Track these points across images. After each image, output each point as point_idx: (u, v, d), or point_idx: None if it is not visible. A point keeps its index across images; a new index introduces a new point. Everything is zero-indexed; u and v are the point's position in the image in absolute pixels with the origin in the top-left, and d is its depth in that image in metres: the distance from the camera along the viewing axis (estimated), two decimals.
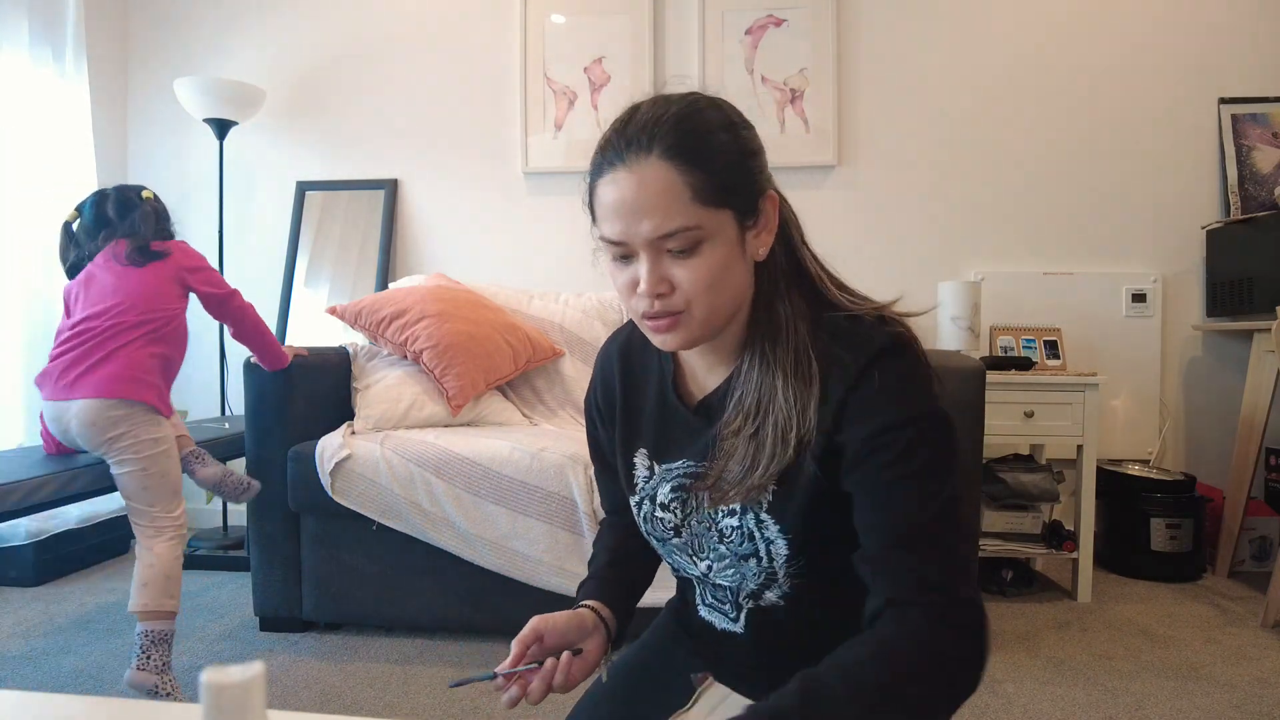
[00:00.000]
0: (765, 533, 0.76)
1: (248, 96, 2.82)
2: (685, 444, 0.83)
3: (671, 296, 0.72)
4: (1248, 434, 2.44)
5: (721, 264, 0.72)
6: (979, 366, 1.83)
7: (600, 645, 0.84)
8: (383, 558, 1.96)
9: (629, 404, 0.90)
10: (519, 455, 1.87)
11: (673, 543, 0.85)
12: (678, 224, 0.70)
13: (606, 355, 0.95)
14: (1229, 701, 1.67)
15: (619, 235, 0.72)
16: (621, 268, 0.75)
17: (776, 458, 0.73)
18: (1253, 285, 2.41)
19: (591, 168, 0.76)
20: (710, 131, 0.72)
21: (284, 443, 2.00)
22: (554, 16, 2.91)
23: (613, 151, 0.72)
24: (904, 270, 2.79)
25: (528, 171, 2.95)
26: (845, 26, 2.81)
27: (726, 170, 0.72)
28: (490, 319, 2.36)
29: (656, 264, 0.72)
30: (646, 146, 0.70)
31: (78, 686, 1.74)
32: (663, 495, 0.84)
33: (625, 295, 0.76)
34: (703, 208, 0.70)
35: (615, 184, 0.71)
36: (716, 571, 0.82)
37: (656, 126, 0.71)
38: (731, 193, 0.72)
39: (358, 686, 1.74)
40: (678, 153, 0.70)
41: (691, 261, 0.71)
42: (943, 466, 0.71)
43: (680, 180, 0.70)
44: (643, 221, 0.70)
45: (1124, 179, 2.74)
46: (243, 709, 0.37)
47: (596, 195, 0.74)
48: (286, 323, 2.97)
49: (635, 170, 0.70)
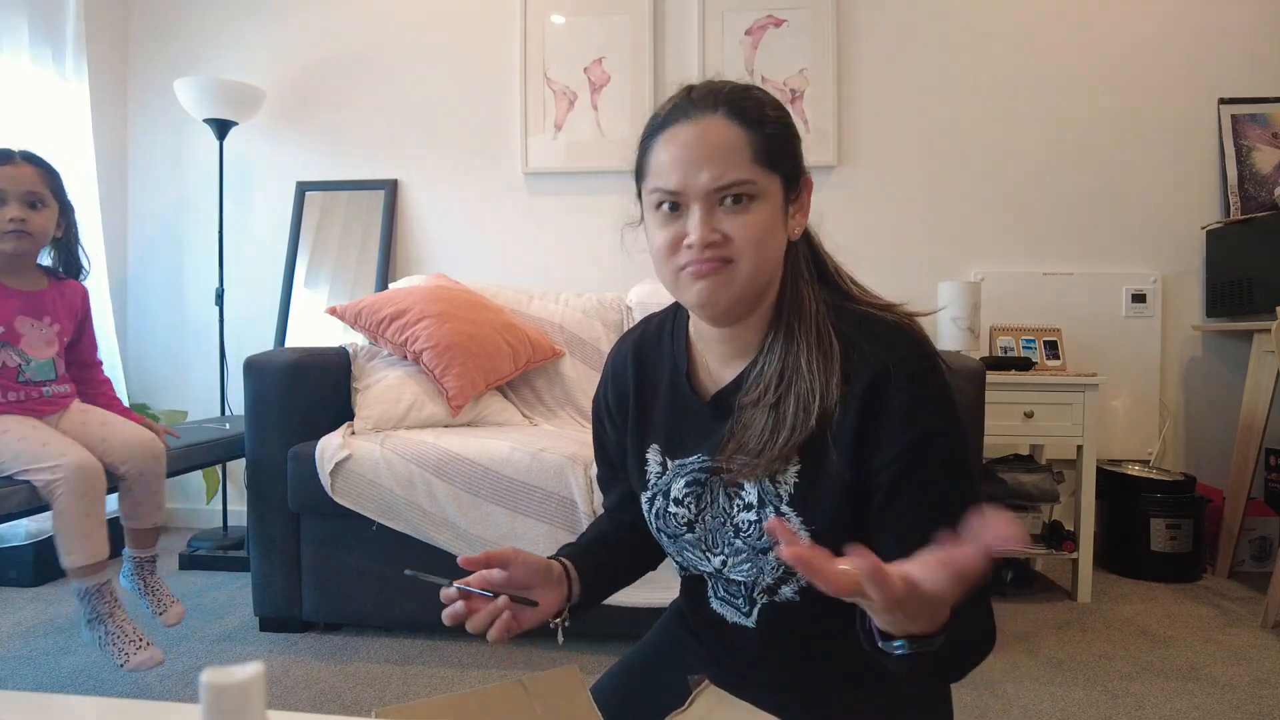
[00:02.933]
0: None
1: (248, 96, 2.82)
2: (699, 438, 0.83)
3: (724, 245, 0.75)
4: (1247, 434, 2.44)
5: (769, 224, 0.75)
6: (979, 367, 1.83)
7: (556, 602, 0.82)
8: (383, 558, 1.96)
9: (642, 399, 0.90)
10: (519, 455, 1.87)
11: (685, 539, 0.85)
12: (736, 175, 0.73)
13: (619, 352, 0.95)
14: (1229, 702, 1.67)
15: (676, 184, 0.74)
16: (666, 224, 0.76)
17: (798, 429, 0.75)
18: (1252, 285, 2.41)
19: (647, 130, 0.79)
20: (768, 105, 0.77)
21: (284, 443, 2.00)
22: (554, 17, 2.91)
23: (676, 110, 0.76)
24: (904, 270, 2.79)
25: (528, 172, 2.95)
26: (845, 26, 2.81)
27: (781, 140, 0.77)
28: (490, 319, 2.36)
29: (710, 215, 0.74)
30: (712, 106, 0.75)
31: (78, 686, 1.74)
32: (676, 490, 0.84)
33: (666, 254, 0.77)
34: (759, 167, 0.74)
35: (676, 137, 0.75)
36: (731, 567, 0.82)
37: (721, 92, 0.76)
38: (784, 162, 0.77)
39: (357, 686, 1.74)
40: (741, 113, 0.75)
41: (744, 217, 0.74)
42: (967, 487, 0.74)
43: (744, 137, 0.74)
44: (703, 171, 0.73)
45: (1124, 179, 2.74)
46: (243, 709, 0.37)
47: (652, 153, 0.77)
48: (286, 323, 2.97)
49: (700, 123, 0.74)
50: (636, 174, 0.81)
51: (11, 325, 1.66)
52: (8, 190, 1.63)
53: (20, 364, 1.67)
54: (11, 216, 1.61)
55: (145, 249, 3.19)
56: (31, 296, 1.70)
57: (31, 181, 1.65)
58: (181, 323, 3.16)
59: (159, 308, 3.18)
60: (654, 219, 0.77)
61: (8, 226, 1.62)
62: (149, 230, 3.19)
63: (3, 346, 1.66)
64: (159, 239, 3.19)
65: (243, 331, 3.01)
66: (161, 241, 3.18)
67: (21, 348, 1.67)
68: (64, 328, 1.76)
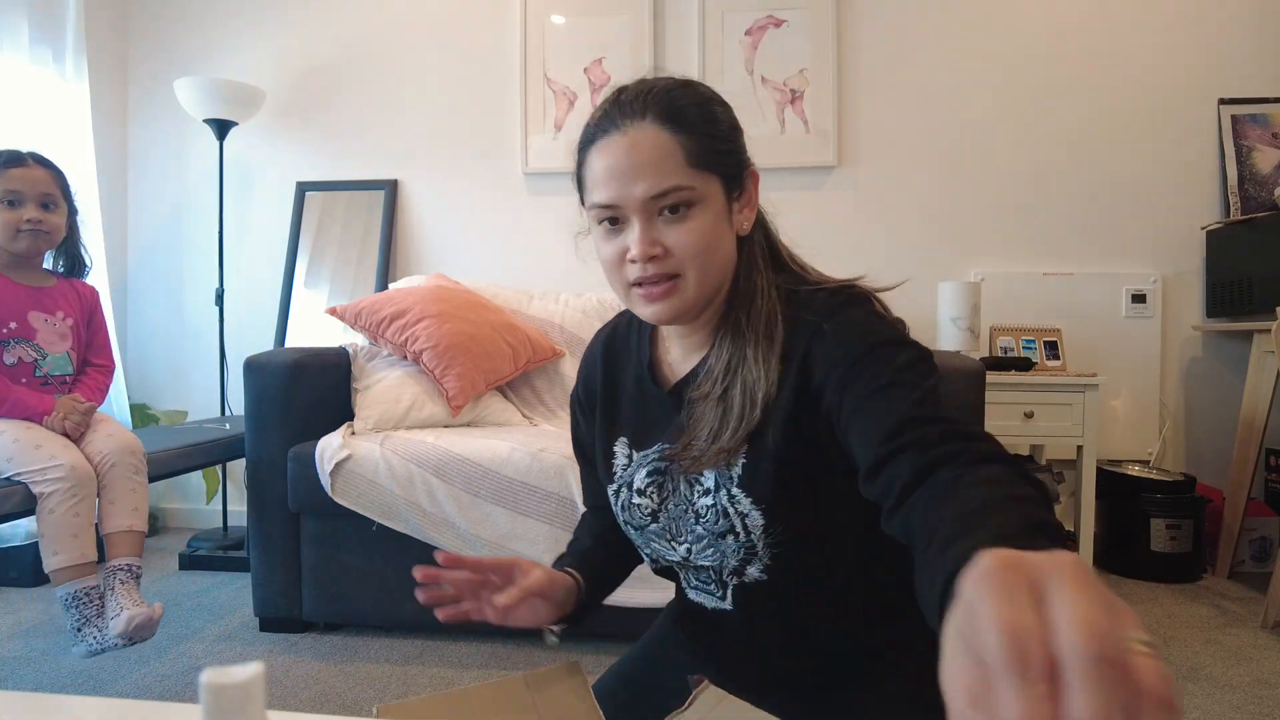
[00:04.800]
0: (738, 507, 0.77)
1: (248, 97, 2.82)
2: (661, 428, 0.84)
3: (665, 259, 0.73)
4: (1247, 434, 2.44)
5: (711, 229, 0.74)
6: (979, 367, 1.83)
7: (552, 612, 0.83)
8: (383, 558, 1.96)
9: (609, 393, 0.91)
10: (519, 455, 1.87)
11: (650, 529, 0.85)
12: (671, 183, 0.71)
13: (591, 348, 0.96)
14: (1229, 702, 1.67)
15: (611, 198, 0.73)
16: (610, 238, 0.75)
17: (745, 418, 0.74)
18: (1253, 286, 2.41)
19: (581, 141, 0.77)
20: (699, 102, 0.75)
21: (284, 443, 2.00)
22: (554, 17, 2.91)
23: (605, 120, 0.74)
24: (904, 270, 2.78)
25: (528, 172, 2.95)
26: (845, 26, 2.81)
27: (716, 138, 0.74)
28: (490, 319, 2.36)
29: (649, 226, 0.73)
30: (640, 112, 0.72)
31: (78, 686, 1.74)
32: (639, 481, 0.84)
33: (614, 268, 0.76)
34: (695, 170, 0.72)
35: (608, 149, 0.73)
36: (696, 554, 0.82)
37: (649, 95, 0.73)
38: (721, 160, 0.74)
39: (357, 686, 1.74)
40: (670, 117, 0.72)
41: (684, 225, 0.73)
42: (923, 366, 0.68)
43: (673, 141, 0.72)
44: (637, 183, 0.72)
45: (1124, 179, 2.74)
46: (243, 709, 0.37)
47: (588, 165, 0.76)
48: (286, 323, 2.97)
49: (629, 133, 0.72)
50: (577, 184, 0.79)
51: (25, 320, 1.70)
52: (24, 192, 1.68)
53: (36, 359, 1.71)
54: (29, 217, 1.67)
55: (145, 249, 3.19)
56: (42, 292, 1.75)
57: (45, 183, 1.71)
58: (181, 323, 3.16)
59: (159, 308, 3.18)
60: (597, 232, 0.77)
61: (25, 226, 1.67)
62: (149, 230, 3.19)
63: (18, 342, 1.69)
64: (159, 239, 3.18)
65: (243, 332, 3.01)
66: (161, 241, 3.18)
67: (37, 342, 1.71)
68: (76, 321, 1.80)
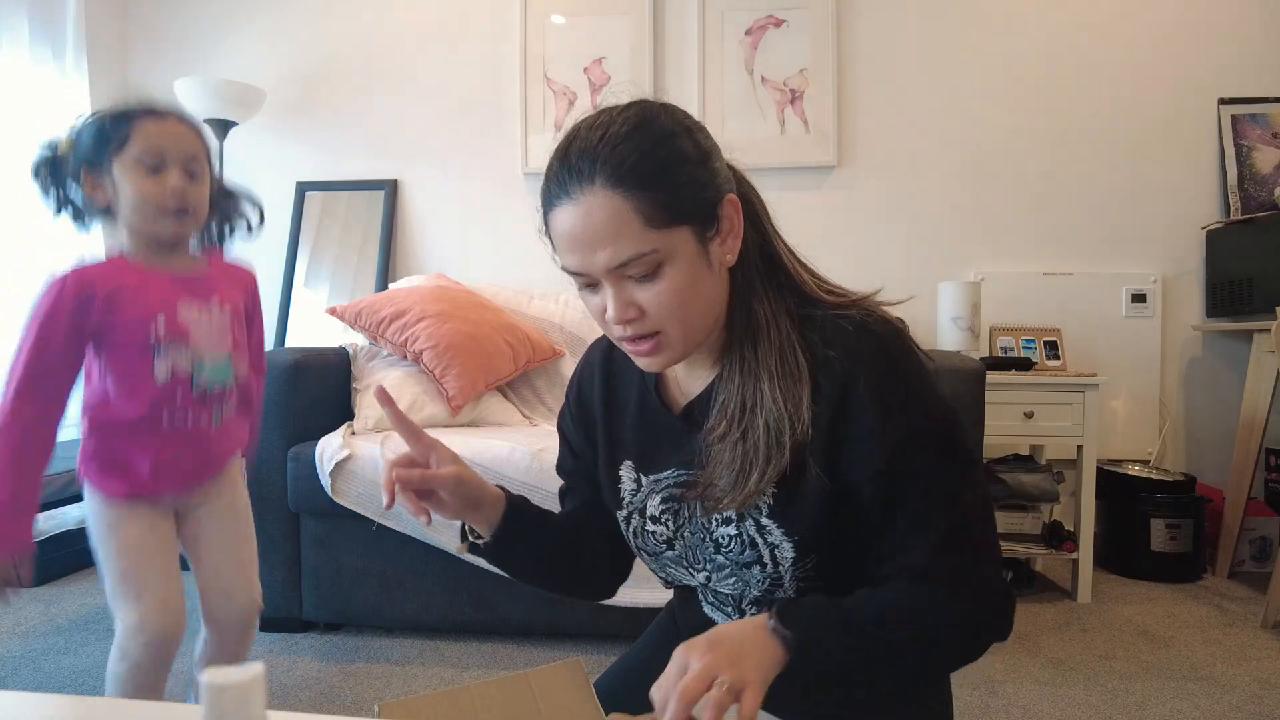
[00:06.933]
0: (768, 538, 0.75)
1: (248, 96, 2.82)
2: (672, 453, 0.81)
3: (641, 320, 0.71)
4: (1247, 434, 2.44)
5: (687, 282, 0.70)
6: (979, 367, 1.83)
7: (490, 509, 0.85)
8: (383, 558, 1.96)
9: (610, 415, 0.88)
10: (519, 455, 1.87)
11: (666, 556, 0.83)
12: (632, 252, 0.68)
13: (587, 364, 0.93)
14: (1229, 702, 1.67)
15: (577, 267, 0.71)
16: (589, 295, 0.74)
17: (773, 461, 0.71)
18: (1253, 285, 2.41)
19: (541, 197, 0.73)
20: (653, 149, 0.69)
21: (284, 443, 2.00)
22: (554, 17, 2.91)
23: (556, 184, 0.70)
24: (904, 271, 2.79)
25: (528, 172, 2.95)
26: (845, 26, 2.81)
27: (675, 187, 0.69)
28: (490, 319, 2.36)
29: (620, 291, 0.70)
30: (589, 176, 0.67)
31: (78, 686, 1.74)
32: (653, 508, 0.82)
33: (600, 322, 0.75)
34: (656, 231, 0.68)
35: (563, 219, 0.70)
36: (716, 581, 0.81)
37: (597, 152, 0.68)
38: (684, 209, 0.69)
39: (358, 686, 1.74)
40: (620, 179, 0.67)
41: (655, 285, 0.70)
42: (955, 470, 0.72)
43: (627, 207, 0.67)
44: (597, 253, 0.69)
45: (1124, 179, 2.74)
46: (243, 709, 0.37)
47: (551, 225, 0.72)
48: (286, 323, 2.97)
49: (581, 202, 0.68)
50: (548, 238, 0.74)
51: (174, 316, 1.20)
52: (168, 151, 1.19)
53: (192, 370, 1.22)
54: (173, 186, 1.18)
55: None
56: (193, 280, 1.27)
57: (193, 144, 1.25)
58: None
59: None
60: (575, 283, 0.74)
61: (170, 202, 1.19)
62: None
63: (168, 346, 1.19)
64: None
65: None
66: None
67: (192, 345, 1.22)
68: (236, 310, 1.30)
